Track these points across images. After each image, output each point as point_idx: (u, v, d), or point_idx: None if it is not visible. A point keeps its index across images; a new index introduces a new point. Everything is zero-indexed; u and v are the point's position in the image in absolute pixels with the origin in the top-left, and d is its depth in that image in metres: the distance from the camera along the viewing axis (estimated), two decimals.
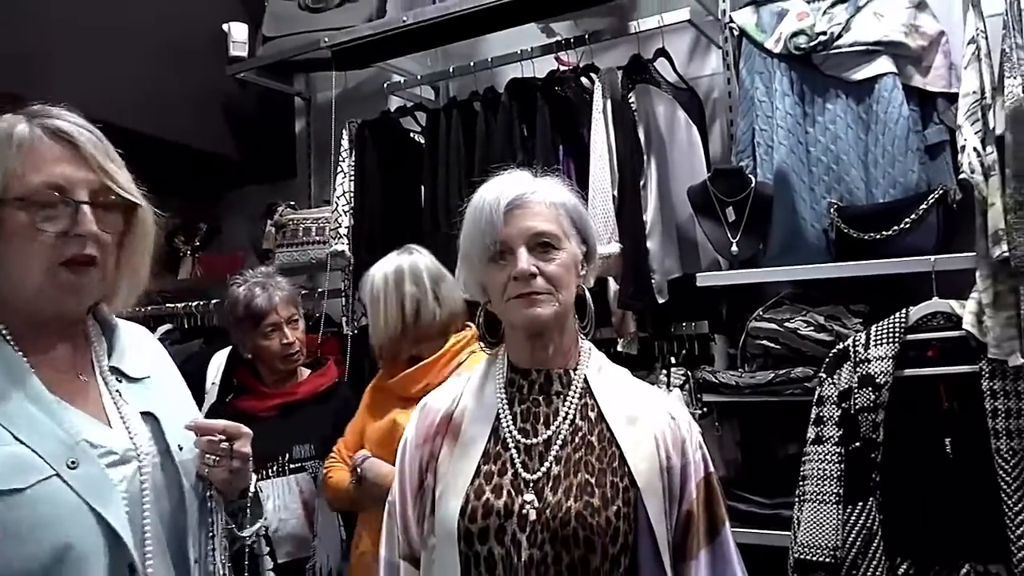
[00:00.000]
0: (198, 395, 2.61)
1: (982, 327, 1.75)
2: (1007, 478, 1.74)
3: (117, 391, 1.15)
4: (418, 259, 1.99)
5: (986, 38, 1.73)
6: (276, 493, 2.09)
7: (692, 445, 1.24)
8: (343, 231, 2.57)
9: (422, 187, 2.46)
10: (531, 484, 1.18)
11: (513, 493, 1.17)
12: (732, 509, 2.09)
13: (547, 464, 1.19)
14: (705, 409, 2.21)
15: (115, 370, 1.17)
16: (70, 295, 1.08)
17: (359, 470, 1.90)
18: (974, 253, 1.76)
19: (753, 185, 2.14)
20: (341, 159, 2.62)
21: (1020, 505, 1.72)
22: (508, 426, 1.23)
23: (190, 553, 1.13)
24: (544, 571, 1.13)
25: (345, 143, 2.62)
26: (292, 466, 2.13)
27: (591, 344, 1.33)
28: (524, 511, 1.16)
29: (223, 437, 1.15)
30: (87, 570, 0.99)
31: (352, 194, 2.58)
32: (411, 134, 2.71)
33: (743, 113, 2.27)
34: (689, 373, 2.17)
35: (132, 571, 1.03)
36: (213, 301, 3.06)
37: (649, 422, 1.23)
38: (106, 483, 1.04)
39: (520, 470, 1.19)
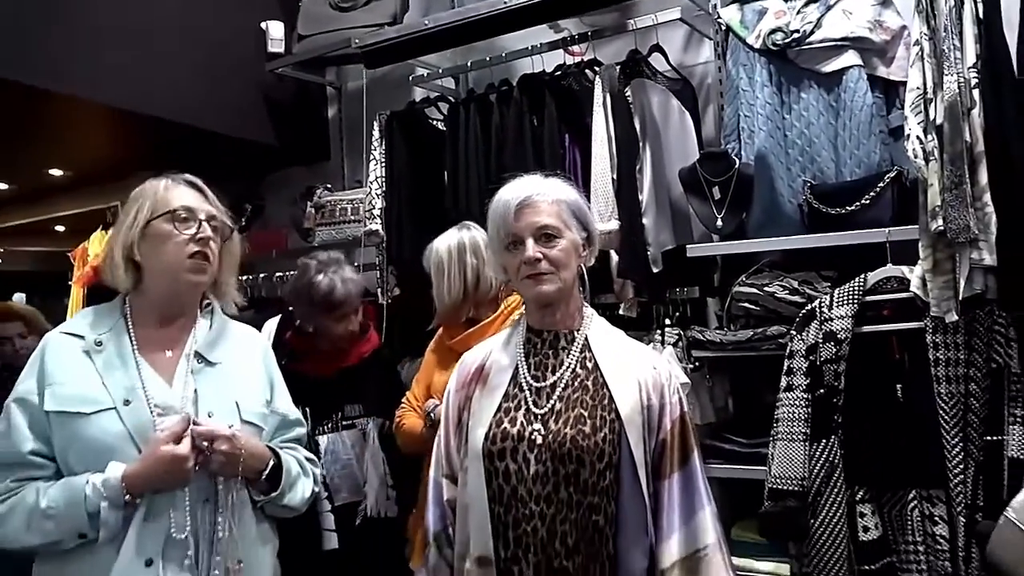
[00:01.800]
0: None
1: (926, 289, 2.04)
2: (946, 417, 2.04)
3: (190, 370, 1.61)
4: (476, 234, 2.27)
5: (930, 39, 1.99)
6: (331, 448, 2.42)
7: (670, 391, 1.57)
8: (376, 212, 2.89)
9: (445, 173, 2.77)
10: (539, 416, 1.52)
11: (525, 423, 1.52)
12: (718, 449, 2.44)
13: (552, 402, 1.53)
14: (697, 364, 2.52)
15: (197, 353, 1.63)
16: (195, 277, 1.59)
17: (431, 415, 2.18)
18: None
19: (737, 166, 2.42)
20: (373, 148, 2.94)
21: (956, 440, 2.02)
22: (524, 373, 1.58)
23: (202, 492, 1.56)
24: (546, 481, 1.48)
25: (376, 133, 2.93)
26: (344, 423, 2.44)
27: (593, 310, 1.67)
28: (532, 436, 1.51)
29: (206, 440, 1.53)
30: None
31: (383, 179, 2.90)
32: (433, 121, 3.01)
33: (729, 101, 2.55)
34: (681, 332, 2.47)
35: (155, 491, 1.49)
36: (261, 275, 3.42)
37: (635, 371, 1.56)
38: (147, 421, 1.52)
39: (531, 406, 1.54)
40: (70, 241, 4.56)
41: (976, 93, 1.93)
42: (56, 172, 3.91)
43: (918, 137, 1.98)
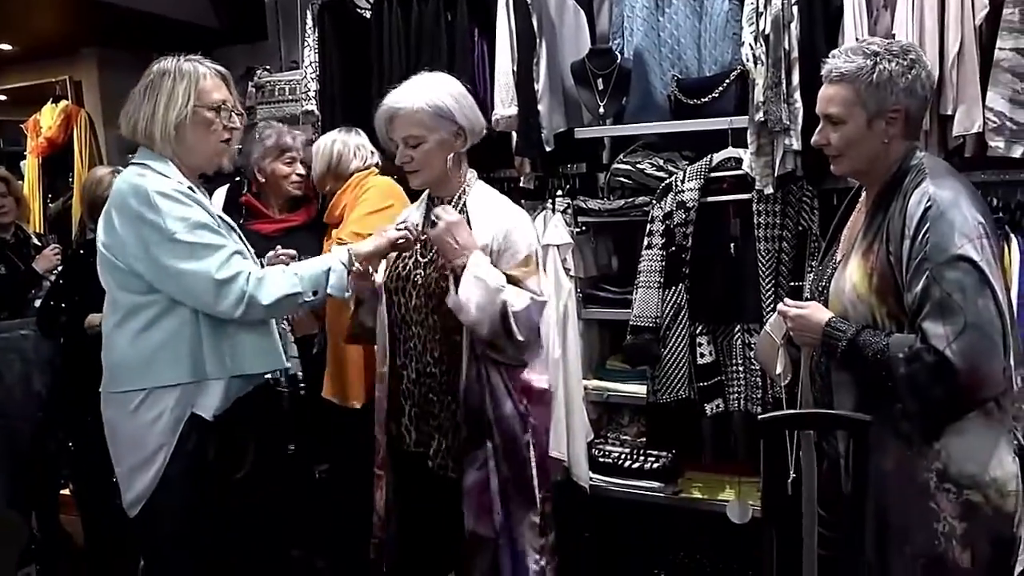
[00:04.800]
0: None
1: (753, 168, 2.57)
2: (763, 269, 2.62)
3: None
4: (351, 134, 2.93)
5: None
6: None
7: (515, 238, 2.06)
8: (312, 94, 3.27)
9: (372, 59, 3.15)
10: (422, 264, 2.05)
11: (412, 268, 2.08)
12: (596, 296, 3.01)
13: (433, 251, 2.06)
14: (584, 228, 3.05)
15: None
16: (220, 159, 2.04)
17: None
18: None
19: (618, 62, 2.87)
20: (307, 35, 3.28)
21: (769, 285, 2.61)
22: (419, 229, 2.09)
23: None
24: (421, 310, 2.06)
25: (310, 22, 3.26)
26: None
27: (476, 179, 2.15)
28: (415, 278, 2.07)
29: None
30: None
31: (317, 64, 3.26)
32: (360, 11, 3.34)
33: (617, 2, 2.97)
34: (569, 202, 2.98)
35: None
36: None
37: (494, 224, 2.07)
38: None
39: (419, 256, 2.07)
40: (10, 111, 4.79)
41: (795, 9, 2.40)
42: (4, 46, 4.11)
43: (750, 44, 2.46)
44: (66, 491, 3.50)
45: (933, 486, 1.63)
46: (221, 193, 3.42)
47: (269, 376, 2.13)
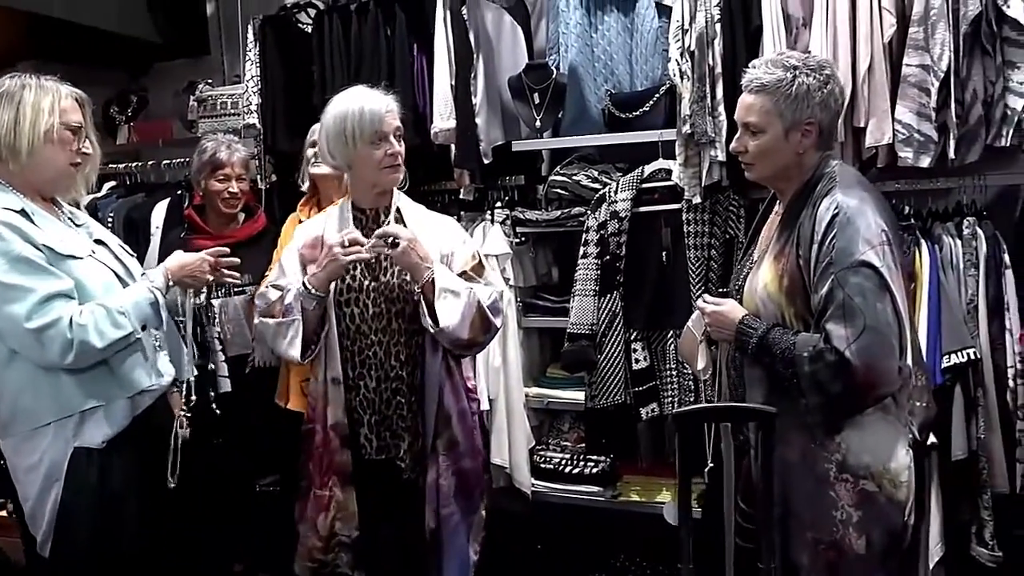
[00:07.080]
0: (146, 236, 3.40)
1: (681, 179, 2.66)
2: (693, 276, 2.71)
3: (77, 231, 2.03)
4: None
5: None
6: (224, 309, 2.87)
7: (457, 243, 2.16)
8: (253, 108, 3.30)
9: (313, 73, 3.18)
10: (370, 274, 2.11)
11: (360, 278, 2.10)
12: (535, 305, 3.08)
13: (386, 260, 2.10)
14: (523, 238, 3.12)
15: (70, 218, 2.04)
16: (76, 183, 2.03)
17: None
18: None
19: (554, 76, 2.95)
20: (248, 49, 3.30)
21: (699, 291, 2.69)
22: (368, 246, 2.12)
23: None
24: (381, 318, 2.09)
25: (251, 36, 3.29)
26: (235, 290, 2.84)
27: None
28: (368, 286, 2.09)
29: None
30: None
31: (259, 77, 3.29)
32: (302, 26, 3.38)
33: (552, 19, 3.05)
34: (508, 212, 3.05)
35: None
36: (149, 162, 3.77)
37: (437, 234, 2.15)
38: (110, 262, 1.99)
39: (364, 266, 2.11)
40: None
41: (718, 27, 2.51)
42: None
43: (676, 60, 2.55)
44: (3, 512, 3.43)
45: (832, 476, 1.73)
46: (162, 206, 3.44)
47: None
